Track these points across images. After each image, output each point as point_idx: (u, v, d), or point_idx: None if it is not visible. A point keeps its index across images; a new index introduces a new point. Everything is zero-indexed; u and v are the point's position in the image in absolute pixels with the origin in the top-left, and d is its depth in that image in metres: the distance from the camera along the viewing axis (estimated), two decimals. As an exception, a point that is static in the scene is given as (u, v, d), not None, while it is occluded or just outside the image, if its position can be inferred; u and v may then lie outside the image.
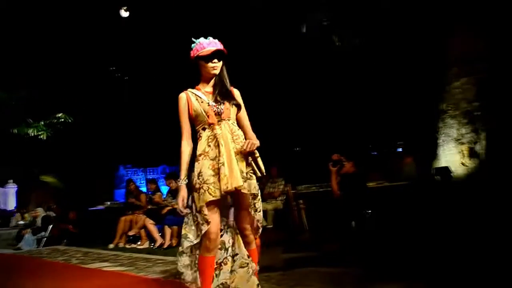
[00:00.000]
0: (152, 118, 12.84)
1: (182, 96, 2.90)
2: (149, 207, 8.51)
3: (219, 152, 2.69)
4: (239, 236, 2.86)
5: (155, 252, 7.04)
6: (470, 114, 6.19)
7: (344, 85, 7.45)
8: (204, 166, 2.71)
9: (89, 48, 10.85)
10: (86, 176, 12.78)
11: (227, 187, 2.61)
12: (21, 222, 11.47)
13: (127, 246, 8.10)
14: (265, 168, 2.81)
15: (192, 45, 2.89)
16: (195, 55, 2.85)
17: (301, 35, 6.58)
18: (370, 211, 5.79)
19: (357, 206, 5.63)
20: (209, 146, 2.76)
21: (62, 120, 10.03)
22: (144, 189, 11.38)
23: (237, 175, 2.64)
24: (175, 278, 4.05)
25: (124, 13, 10.05)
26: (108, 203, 9.80)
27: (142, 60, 11.40)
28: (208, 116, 2.79)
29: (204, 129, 2.82)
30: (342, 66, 7.58)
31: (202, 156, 2.75)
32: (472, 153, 6.13)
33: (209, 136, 2.78)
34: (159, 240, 7.72)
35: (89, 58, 11.16)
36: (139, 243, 8.11)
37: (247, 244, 2.85)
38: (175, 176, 9.26)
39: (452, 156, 6.28)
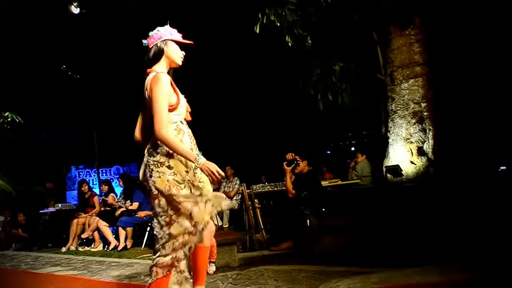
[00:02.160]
0: (105, 117, 12.60)
1: (166, 76, 2.49)
2: (102, 208, 8.36)
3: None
4: None
5: (109, 255, 6.94)
6: (418, 115, 6.45)
7: (296, 86, 7.56)
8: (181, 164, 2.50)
9: (38, 45, 10.52)
10: (37, 178, 12.34)
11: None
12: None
13: (80, 249, 7.93)
14: (219, 167, 2.59)
15: (155, 31, 2.64)
16: (163, 38, 2.60)
17: (254, 35, 6.61)
18: (324, 209, 5.92)
19: (312, 205, 5.73)
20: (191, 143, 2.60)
21: (9, 119, 9.65)
22: (97, 190, 11.15)
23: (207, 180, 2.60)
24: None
25: (75, 10, 9.79)
26: (60, 205, 9.51)
27: (95, 58, 11.16)
28: (187, 111, 2.63)
29: (181, 122, 2.60)
30: (295, 66, 7.69)
31: None
32: (420, 152, 6.37)
33: (187, 133, 2.60)
34: (113, 242, 7.60)
35: (39, 56, 10.81)
36: (92, 245, 7.96)
37: None
38: (129, 176, 9.14)
39: (402, 155, 6.50)
